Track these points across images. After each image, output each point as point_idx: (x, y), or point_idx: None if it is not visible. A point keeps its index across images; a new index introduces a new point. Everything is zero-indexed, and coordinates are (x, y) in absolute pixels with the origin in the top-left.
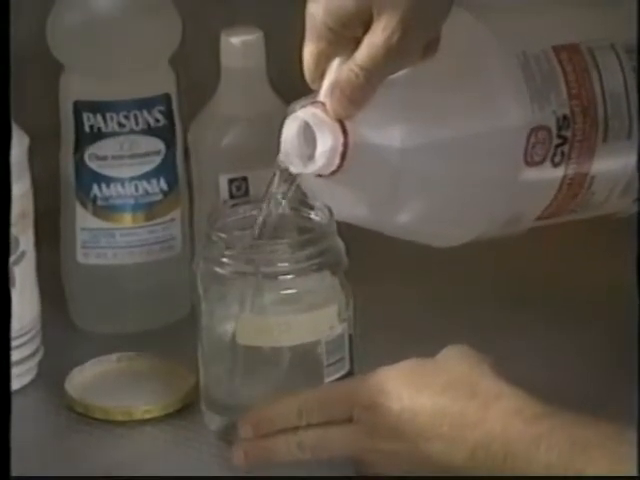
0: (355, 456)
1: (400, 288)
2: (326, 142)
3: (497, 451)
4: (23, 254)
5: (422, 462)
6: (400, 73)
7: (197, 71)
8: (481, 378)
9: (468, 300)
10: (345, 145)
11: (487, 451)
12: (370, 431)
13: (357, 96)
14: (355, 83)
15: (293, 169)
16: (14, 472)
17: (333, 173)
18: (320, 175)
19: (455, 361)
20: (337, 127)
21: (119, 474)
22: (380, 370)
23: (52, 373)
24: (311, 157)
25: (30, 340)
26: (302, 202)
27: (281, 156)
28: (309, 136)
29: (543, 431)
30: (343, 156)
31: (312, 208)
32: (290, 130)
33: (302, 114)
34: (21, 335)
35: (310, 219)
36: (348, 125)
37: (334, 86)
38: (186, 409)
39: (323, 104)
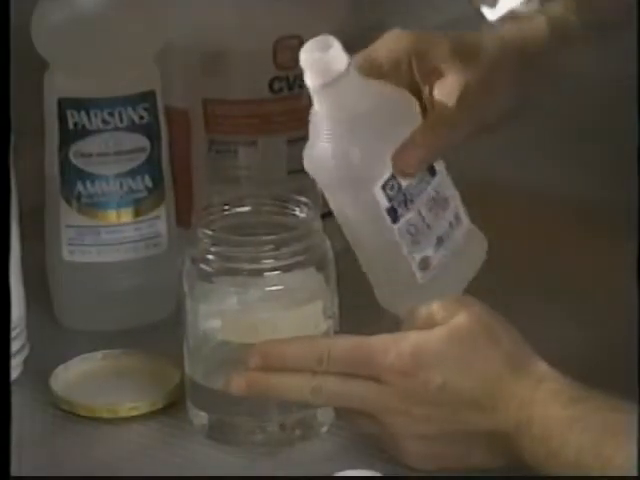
0: (375, 414)
1: None
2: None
3: (536, 432)
4: None
5: (457, 429)
6: None
7: None
8: (529, 357)
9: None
10: None
11: (528, 431)
12: (403, 395)
13: None
14: None
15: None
16: None
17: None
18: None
19: (499, 332)
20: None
21: (105, 471)
22: (416, 333)
23: (37, 370)
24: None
25: (15, 337)
26: (287, 199)
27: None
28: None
29: (578, 415)
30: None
31: (297, 204)
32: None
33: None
34: None
35: (295, 216)
36: None
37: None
38: (172, 406)
39: None
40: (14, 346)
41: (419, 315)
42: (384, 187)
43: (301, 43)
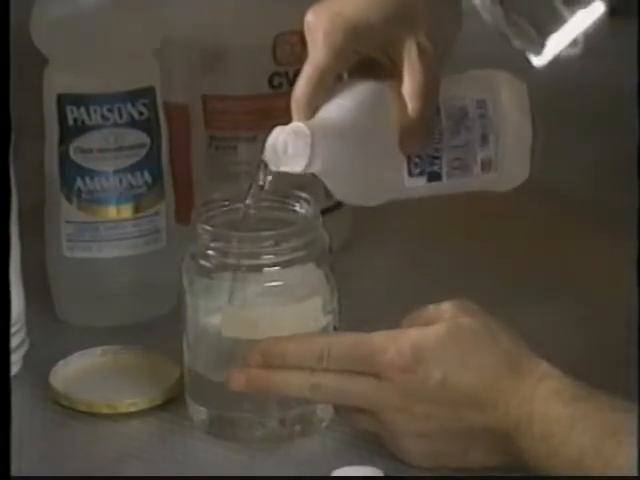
0: (375, 411)
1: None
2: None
3: (536, 431)
4: None
5: (457, 426)
6: None
7: None
8: (529, 356)
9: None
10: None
11: (529, 429)
12: (403, 392)
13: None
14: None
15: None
16: None
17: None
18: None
19: (498, 332)
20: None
21: (104, 467)
22: (416, 330)
23: (37, 366)
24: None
25: (15, 333)
26: (287, 194)
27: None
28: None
29: (579, 414)
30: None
31: (297, 200)
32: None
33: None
34: None
35: (295, 211)
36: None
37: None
38: (171, 402)
39: None
40: (14, 342)
41: (424, 313)
42: (410, 173)
43: (301, 38)
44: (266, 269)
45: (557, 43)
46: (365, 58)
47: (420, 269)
